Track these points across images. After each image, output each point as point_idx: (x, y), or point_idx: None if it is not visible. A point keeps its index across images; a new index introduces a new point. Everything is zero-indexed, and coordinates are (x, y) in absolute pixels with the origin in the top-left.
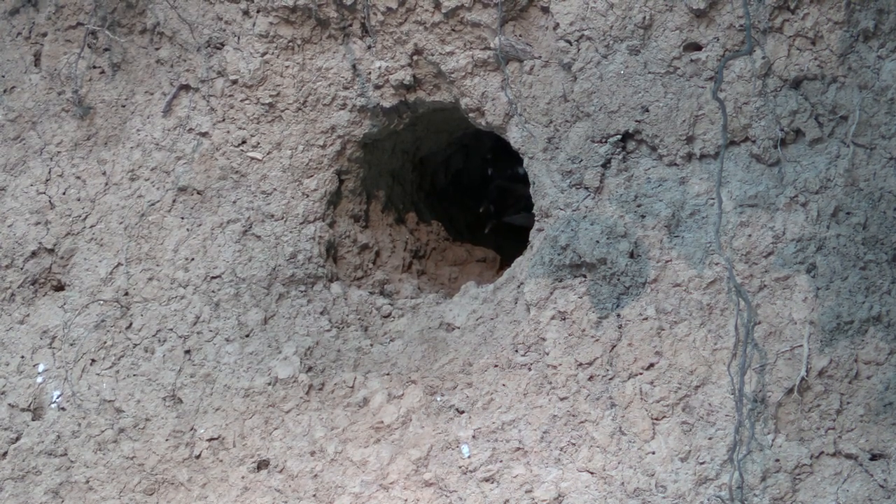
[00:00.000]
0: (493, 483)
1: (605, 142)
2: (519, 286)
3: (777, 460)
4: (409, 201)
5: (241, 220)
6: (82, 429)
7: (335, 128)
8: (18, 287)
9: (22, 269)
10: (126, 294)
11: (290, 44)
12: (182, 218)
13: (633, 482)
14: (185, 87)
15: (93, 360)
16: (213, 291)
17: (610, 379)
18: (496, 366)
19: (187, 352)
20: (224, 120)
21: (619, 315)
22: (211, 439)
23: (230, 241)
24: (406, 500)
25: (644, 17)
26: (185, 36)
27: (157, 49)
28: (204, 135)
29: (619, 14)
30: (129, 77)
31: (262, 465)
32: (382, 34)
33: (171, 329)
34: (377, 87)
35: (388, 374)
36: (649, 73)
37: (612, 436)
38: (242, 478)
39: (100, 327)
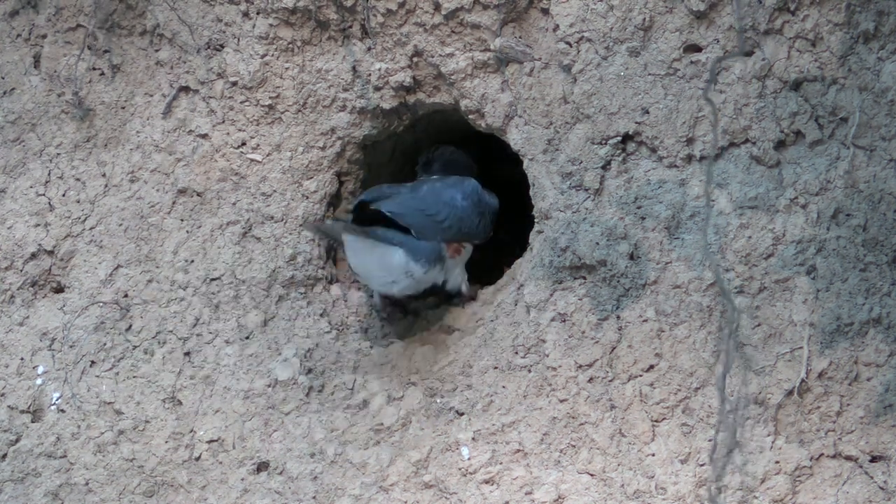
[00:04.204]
0: (492, 485)
1: (605, 143)
2: (519, 288)
3: (777, 462)
4: None
5: (240, 222)
6: (82, 431)
7: (335, 129)
8: (18, 289)
9: (21, 270)
10: (126, 296)
11: (290, 45)
12: (182, 220)
13: (632, 484)
14: (185, 89)
15: (92, 362)
16: (212, 293)
17: (610, 381)
18: (496, 368)
19: (187, 354)
20: (224, 122)
21: (618, 317)
22: (210, 441)
23: (230, 242)
24: (406, 502)
25: (644, 19)
26: (185, 38)
27: (156, 51)
28: (204, 136)
29: (618, 16)
30: (129, 79)
31: (262, 466)
32: (382, 36)
33: (171, 331)
34: (377, 88)
35: (387, 376)
36: (649, 74)
37: (612, 438)
38: (242, 479)
39: (99, 329)
